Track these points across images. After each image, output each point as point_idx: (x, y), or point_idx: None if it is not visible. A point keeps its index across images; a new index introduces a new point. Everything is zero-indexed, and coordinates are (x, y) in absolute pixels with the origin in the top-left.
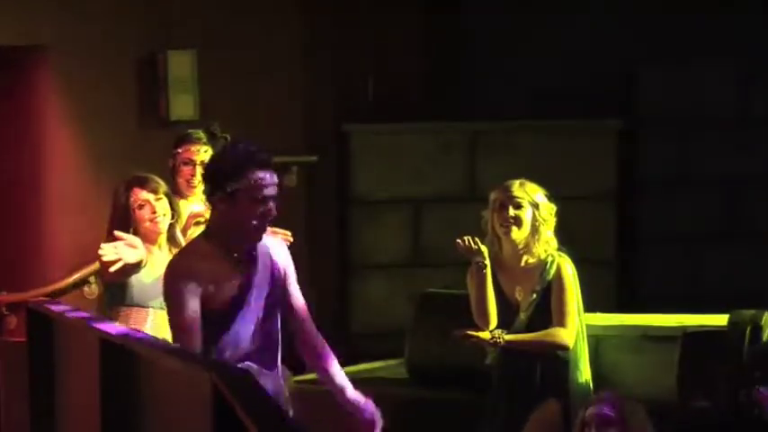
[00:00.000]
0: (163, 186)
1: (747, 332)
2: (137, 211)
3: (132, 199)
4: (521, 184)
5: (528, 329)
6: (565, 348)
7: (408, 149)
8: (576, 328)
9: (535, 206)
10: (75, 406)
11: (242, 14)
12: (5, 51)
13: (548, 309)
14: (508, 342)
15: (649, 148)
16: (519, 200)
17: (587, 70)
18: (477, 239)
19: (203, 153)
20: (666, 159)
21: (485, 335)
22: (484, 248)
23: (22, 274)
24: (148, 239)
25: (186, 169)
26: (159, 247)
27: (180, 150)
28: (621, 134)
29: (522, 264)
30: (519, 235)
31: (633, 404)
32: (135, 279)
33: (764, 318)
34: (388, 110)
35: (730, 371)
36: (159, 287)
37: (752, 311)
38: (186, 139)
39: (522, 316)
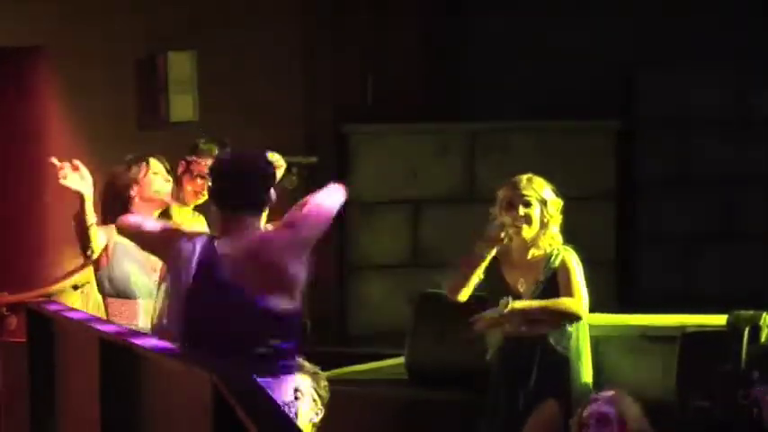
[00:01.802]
0: None
1: (746, 333)
2: (149, 175)
3: (146, 166)
4: (528, 180)
5: (528, 320)
6: (576, 318)
7: (407, 150)
8: (586, 309)
9: (543, 203)
10: (76, 406)
11: (241, 16)
12: (5, 52)
13: (549, 296)
14: (520, 309)
15: (648, 148)
16: (528, 197)
17: (587, 72)
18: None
19: None
20: (665, 160)
21: (493, 313)
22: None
23: (23, 274)
24: (148, 204)
25: (201, 182)
26: None
27: (198, 161)
28: (620, 135)
29: (529, 257)
30: (529, 233)
31: (631, 402)
32: (119, 268)
33: (763, 318)
34: (387, 111)
35: (729, 371)
36: (147, 275)
37: (750, 312)
38: (206, 153)
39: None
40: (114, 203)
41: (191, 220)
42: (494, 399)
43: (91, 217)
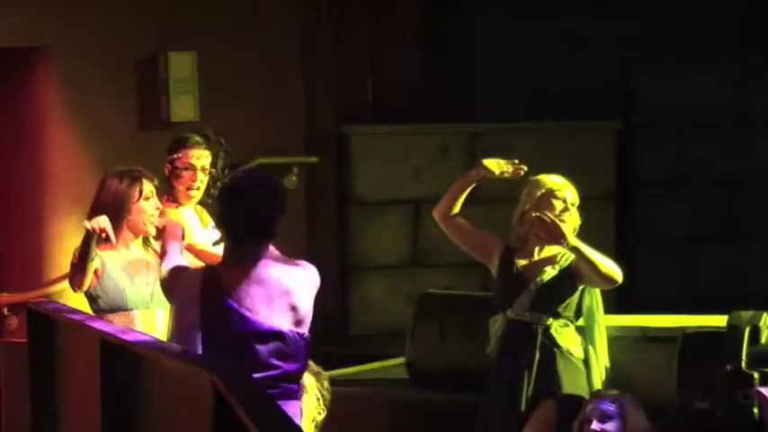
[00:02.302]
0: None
1: (746, 333)
2: (141, 202)
3: (139, 189)
4: (570, 184)
5: (533, 303)
6: (614, 279)
7: (407, 151)
8: (620, 277)
9: (573, 206)
10: (76, 406)
11: (241, 17)
12: (8, 52)
13: (559, 285)
14: (576, 245)
15: (648, 148)
16: (573, 202)
17: (586, 71)
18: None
19: (204, 158)
20: (665, 160)
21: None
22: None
23: (23, 275)
24: (135, 233)
25: (187, 175)
26: (137, 246)
27: (179, 155)
28: (620, 135)
29: (544, 253)
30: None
31: (631, 400)
32: (111, 282)
33: (763, 319)
34: (387, 112)
35: (729, 371)
36: (140, 287)
37: (751, 312)
38: (185, 144)
39: (533, 286)
40: (111, 208)
41: (196, 220)
42: (494, 396)
43: (93, 252)
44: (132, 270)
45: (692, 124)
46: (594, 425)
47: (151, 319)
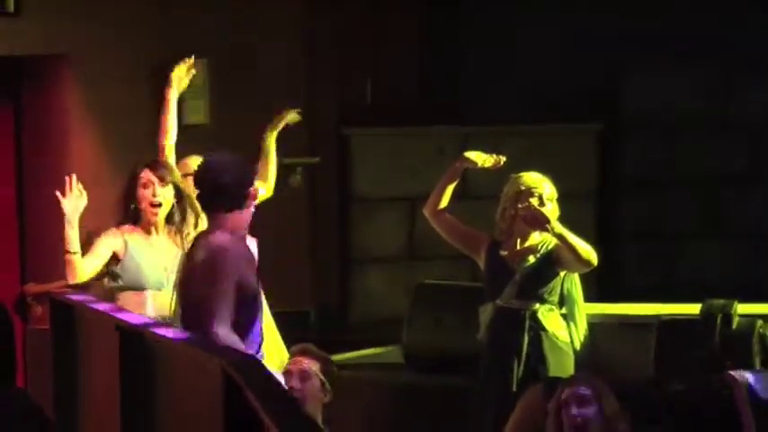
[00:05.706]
0: (173, 175)
1: (718, 320)
2: (141, 189)
3: (141, 176)
4: (547, 180)
5: (519, 291)
6: (591, 262)
7: (405, 151)
8: (595, 261)
9: (551, 201)
10: (96, 389)
11: (248, 27)
12: (31, 60)
13: (541, 270)
14: (558, 231)
15: (631, 149)
16: (550, 197)
17: (577, 73)
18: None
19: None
20: (647, 160)
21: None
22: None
23: (47, 266)
24: (147, 220)
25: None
26: (157, 231)
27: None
28: (605, 135)
29: (527, 243)
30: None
31: (603, 383)
32: (132, 262)
33: (734, 307)
34: (386, 114)
35: (703, 356)
36: (158, 271)
37: (722, 301)
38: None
39: (518, 276)
40: (127, 208)
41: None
42: (486, 380)
43: (70, 245)
44: (154, 254)
45: (673, 125)
46: (574, 410)
47: (163, 300)
